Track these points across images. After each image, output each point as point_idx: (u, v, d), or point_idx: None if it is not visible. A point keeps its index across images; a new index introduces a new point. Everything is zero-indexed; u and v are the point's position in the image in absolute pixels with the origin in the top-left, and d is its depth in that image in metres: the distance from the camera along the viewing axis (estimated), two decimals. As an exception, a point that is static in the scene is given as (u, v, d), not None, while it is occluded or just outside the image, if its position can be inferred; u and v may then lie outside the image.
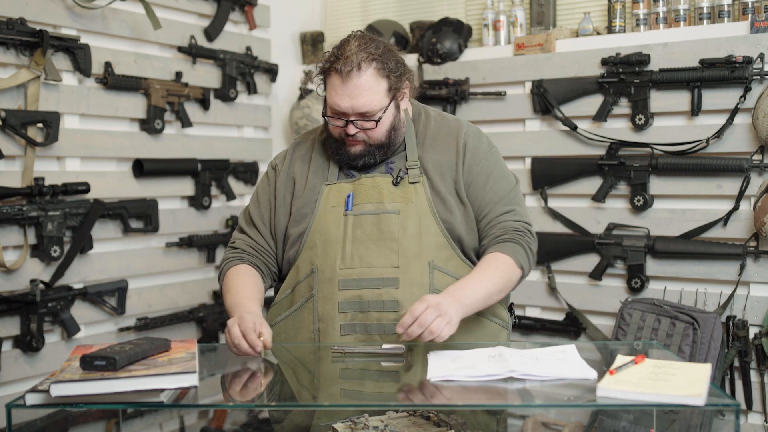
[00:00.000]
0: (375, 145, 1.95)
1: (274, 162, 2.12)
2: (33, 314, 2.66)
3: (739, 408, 2.00)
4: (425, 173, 1.98)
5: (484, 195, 1.97)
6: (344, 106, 1.89)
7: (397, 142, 1.99)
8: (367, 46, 1.89)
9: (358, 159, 1.97)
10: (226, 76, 3.44)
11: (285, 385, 1.73)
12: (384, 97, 1.91)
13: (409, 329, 1.67)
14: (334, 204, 1.97)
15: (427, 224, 1.93)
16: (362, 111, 1.89)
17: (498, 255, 1.89)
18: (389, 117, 1.94)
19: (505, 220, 1.96)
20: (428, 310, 1.68)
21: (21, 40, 2.62)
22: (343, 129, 1.93)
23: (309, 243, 1.97)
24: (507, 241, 1.91)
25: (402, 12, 3.71)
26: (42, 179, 2.68)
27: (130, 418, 2.07)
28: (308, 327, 1.95)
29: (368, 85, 1.88)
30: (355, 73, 1.86)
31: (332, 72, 1.90)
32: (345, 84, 1.87)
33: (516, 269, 1.90)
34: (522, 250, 1.92)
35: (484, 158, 2.00)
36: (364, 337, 1.90)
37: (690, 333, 2.66)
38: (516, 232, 1.94)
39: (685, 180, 2.86)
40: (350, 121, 1.91)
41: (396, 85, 1.93)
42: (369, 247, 1.92)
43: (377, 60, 1.89)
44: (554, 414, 2.09)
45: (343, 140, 1.96)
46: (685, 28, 2.88)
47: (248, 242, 2.07)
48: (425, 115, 2.08)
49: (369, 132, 1.93)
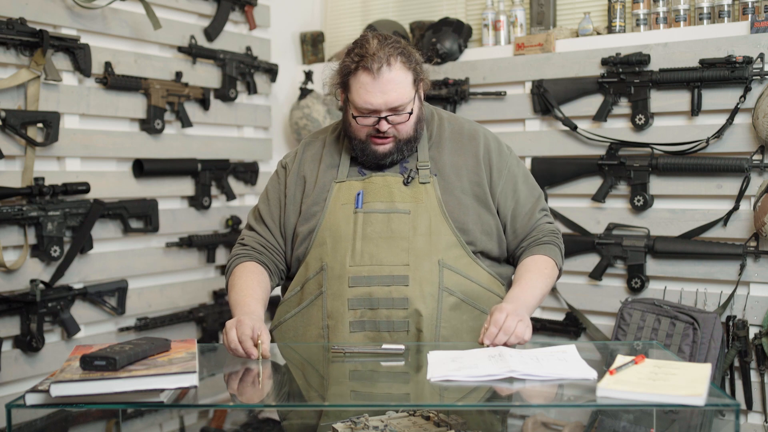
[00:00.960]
0: (404, 140, 1.97)
1: (285, 161, 2.13)
2: (33, 314, 2.66)
3: (739, 408, 2.00)
4: (440, 173, 2.00)
5: (518, 199, 2.04)
6: (377, 102, 1.90)
7: (421, 135, 2.02)
8: (388, 42, 1.92)
9: (387, 157, 1.98)
10: (226, 76, 3.44)
11: (285, 385, 1.73)
12: (411, 89, 1.95)
13: (496, 339, 1.73)
14: (344, 201, 1.98)
15: (438, 224, 1.94)
16: (395, 105, 1.91)
17: (542, 258, 2.00)
18: (416, 109, 1.97)
19: (542, 222, 2.06)
20: (509, 318, 1.75)
21: (21, 40, 2.62)
22: (371, 128, 1.94)
23: (319, 240, 1.97)
24: (547, 243, 2.03)
25: (402, 12, 3.71)
26: (42, 179, 2.68)
27: (130, 418, 2.07)
28: (317, 324, 1.95)
29: (398, 79, 1.91)
30: (385, 68, 1.89)
31: (360, 71, 1.90)
32: (376, 80, 1.89)
33: (556, 270, 2.03)
34: (558, 251, 2.04)
35: (509, 160, 2.06)
36: (374, 334, 1.90)
37: (690, 333, 2.66)
38: (553, 234, 2.05)
39: (685, 180, 2.86)
40: (382, 117, 1.92)
41: (419, 77, 1.97)
42: (379, 245, 1.92)
43: (402, 54, 1.92)
44: (554, 414, 2.09)
45: (369, 140, 1.97)
46: (685, 28, 2.88)
47: (257, 239, 2.07)
48: (438, 117, 2.11)
49: (400, 126, 1.95)
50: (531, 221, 2.04)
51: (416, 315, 1.89)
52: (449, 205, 1.96)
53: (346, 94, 1.97)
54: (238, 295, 1.93)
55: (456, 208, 1.96)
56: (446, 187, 1.98)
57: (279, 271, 2.08)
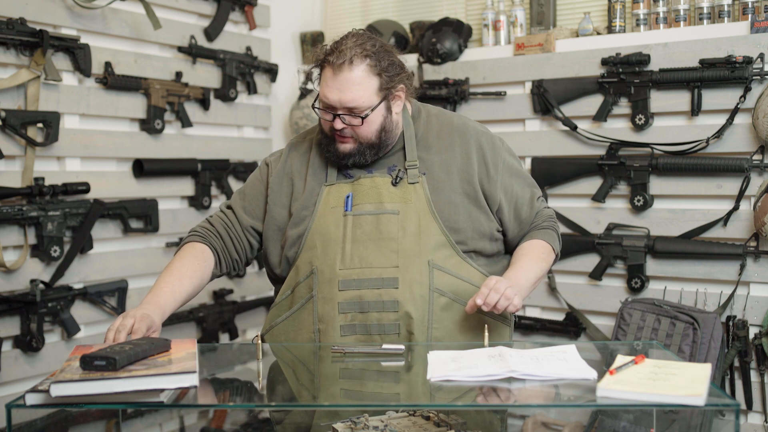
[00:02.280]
0: (365, 144, 1.96)
1: (269, 159, 2.13)
2: (33, 314, 2.66)
3: (739, 408, 2.00)
4: (429, 172, 1.99)
5: (518, 189, 2.05)
6: (332, 99, 1.90)
7: (389, 144, 2.00)
8: (364, 43, 1.91)
9: (347, 157, 1.97)
10: (226, 76, 3.44)
11: (285, 385, 1.73)
12: (373, 95, 1.91)
13: (487, 298, 1.75)
14: (333, 204, 1.97)
15: (427, 224, 1.93)
16: (350, 106, 1.90)
17: (540, 242, 2.02)
18: (378, 117, 1.94)
19: (541, 208, 2.08)
20: (500, 281, 1.79)
21: (21, 40, 2.62)
22: (331, 123, 1.94)
23: (309, 244, 1.96)
24: (545, 228, 2.06)
25: (402, 12, 3.71)
26: (42, 179, 2.68)
27: (130, 418, 2.07)
28: (308, 328, 1.95)
29: (357, 81, 1.89)
30: (346, 66, 1.88)
31: (325, 64, 1.92)
32: (335, 77, 1.89)
33: (553, 255, 2.05)
34: (555, 235, 2.06)
35: (503, 154, 2.06)
36: (365, 337, 1.90)
37: (690, 333, 2.66)
38: (551, 219, 2.08)
39: (685, 180, 2.86)
40: (337, 115, 1.92)
41: (388, 85, 1.93)
42: (368, 248, 1.92)
43: (371, 57, 1.90)
44: (554, 414, 2.08)
45: (333, 137, 1.97)
46: (685, 28, 2.88)
47: (224, 222, 2.09)
48: (425, 114, 2.08)
49: (357, 129, 1.93)
50: (533, 209, 2.06)
51: (407, 317, 1.89)
52: (439, 205, 1.95)
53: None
54: (162, 281, 1.93)
55: (446, 207, 1.96)
56: (436, 187, 1.97)
57: (231, 261, 2.08)
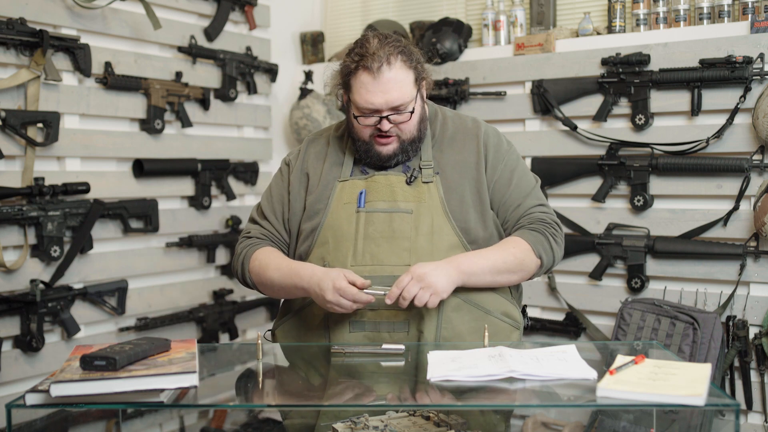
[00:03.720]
0: (407, 140, 1.96)
1: (288, 158, 2.14)
2: (33, 314, 2.66)
3: (739, 408, 2.00)
4: (442, 172, 1.99)
5: (511, 191, 2.01)
6: (378, 102, 1.89)
7: (425, 135, 2.01)
8: (388, 41, 1.91)
9: (391, 158, 1.98)
10: (226, 76, 3.44)
11: (285, 385, 1.73)
12: (412, 88, 1.93)
13: (398, 301, 1.79)
14: (346, 200, 1.98)
15: (440, 224, 1.94)
16: (396, 105, 1.90)
17: (516, 239, 1.95)
18: (418, 108, 1.96)
19: (534, 212, 2.01)
20: (411, 283, 1.79)
21: (21, 40, 2.62)
22: (374, 128, 1.94)
23: (321, 239, 1.97)
24: (531, 230, 1.97)
25: (402, 12, 3.71)
26: (42, 179, 2.68)
27: (130, 418, 2.07)
28: (318, 323, 1.95)
29: (399, 78, 1.89)
30: (385, 67, 1.88)
31: (360, 70, 1.90)
32: (377, 80, 1.88)
33: (532, 256, 1.93)
34: (545, 240, 1.96)
35: (507, 156, 2.04)
36: (373, 334, 1.90)
37: (690, 333, 2.66)
38: (542, 223, 1.99)
39: (685, 180, 2.86)
40: (383, 117, 1.92)
41: (420, 75, 1.96)
42: (381, 245, 1.92)
43: (402, 53, 1.91)
44: (554, 414, 2.09)
45: (372, 141, 1.96)
46: (685, 28, 2.88)
47: (262, 231, 2.09)
48: (441, 115, 2.10)
49: (402, 126, 1.94)
50: (519, 211, 2.01)
51: (417, 316, 1.89)
52: (451, 205, 1.96)
53: (348, 95, 1.97)
54: (290, 264, 1.94)
55: (458, 207, 1.96)
56: (449, 187, 1.98)
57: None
